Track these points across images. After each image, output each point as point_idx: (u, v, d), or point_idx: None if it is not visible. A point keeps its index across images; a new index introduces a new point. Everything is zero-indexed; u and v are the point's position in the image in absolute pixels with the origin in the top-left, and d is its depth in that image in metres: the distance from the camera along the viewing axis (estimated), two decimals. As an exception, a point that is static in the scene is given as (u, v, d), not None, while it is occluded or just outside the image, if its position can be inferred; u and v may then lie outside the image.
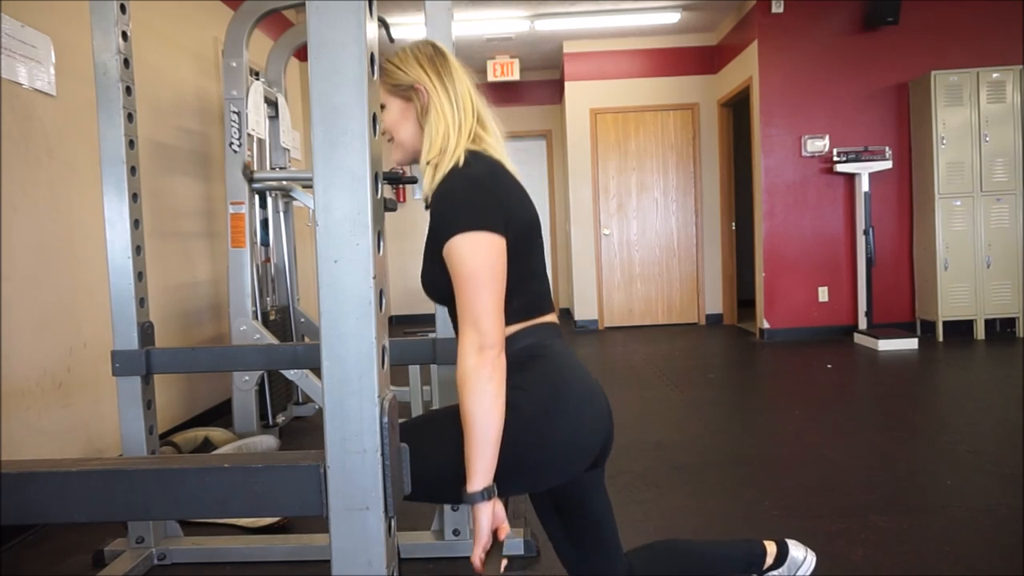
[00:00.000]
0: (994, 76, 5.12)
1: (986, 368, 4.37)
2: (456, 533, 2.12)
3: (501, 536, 1.12)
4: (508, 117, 1.33)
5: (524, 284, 1.21)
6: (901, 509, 2.30)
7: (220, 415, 3.80)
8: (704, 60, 6.74)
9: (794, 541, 1.58)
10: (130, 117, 1.96)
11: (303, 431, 3.63)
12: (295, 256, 3.95)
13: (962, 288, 5.19)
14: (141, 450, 2.01)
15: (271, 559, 2.14)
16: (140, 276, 1.99)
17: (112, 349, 1.98)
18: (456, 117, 1.23)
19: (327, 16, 0.80)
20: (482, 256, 1.11)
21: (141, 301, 2.00)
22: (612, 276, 6.90)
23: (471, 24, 5.92)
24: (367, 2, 0.82)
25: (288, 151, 3.82)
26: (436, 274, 1.19)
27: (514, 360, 1.16)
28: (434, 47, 1.28)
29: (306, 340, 3.92)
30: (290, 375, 3.11)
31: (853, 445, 2.98)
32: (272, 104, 3.64)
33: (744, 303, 6.92)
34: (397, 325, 7.33)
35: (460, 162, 1.19)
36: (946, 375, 4.28)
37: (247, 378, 3.25)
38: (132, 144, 1.96)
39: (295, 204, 3.90)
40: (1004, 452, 2.79)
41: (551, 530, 1.37)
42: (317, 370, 2.79)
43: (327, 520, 0.85)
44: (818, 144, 5.60)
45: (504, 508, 1.13)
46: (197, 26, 3.91)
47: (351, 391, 0.83)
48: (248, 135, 3.22)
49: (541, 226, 1.29)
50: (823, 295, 5.70)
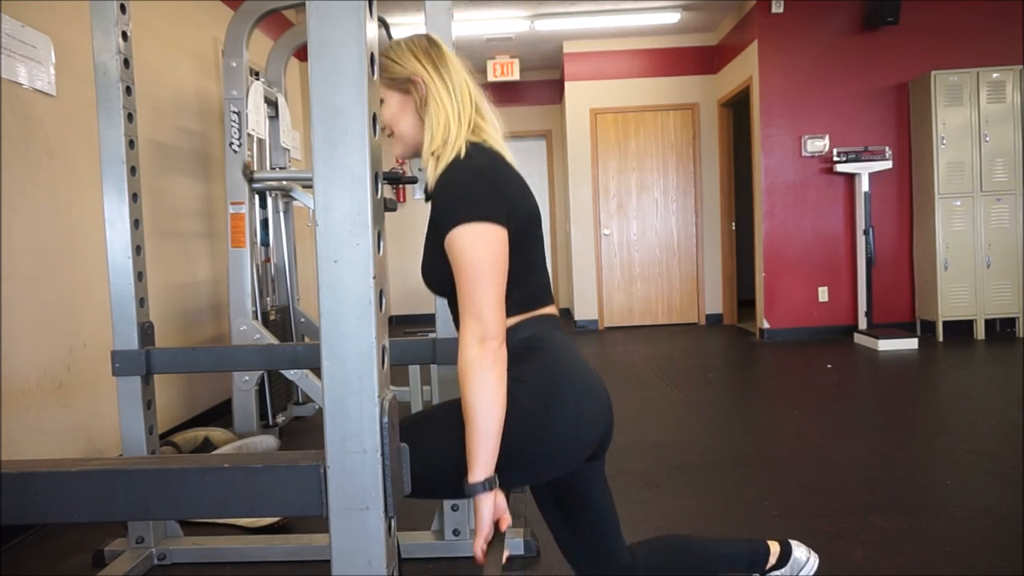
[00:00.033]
0: (994, 76, 5.12)
1: (986, 368, 4.37)
2: (456, 533, 2.12)
3: (503, 527, 1.12)
4: (508, 117, 1.32)
5: (524, 276, 1.21)
6: (901, 509, 2.30)
7: (220, 415, 3.80)
8: (704, 60, 6.74)
9: (797, 542, 1.58)
10: (130, 117, 1.96)
11: (303, 431, 3.63)
12: (295, 256, 3.95)
13: (962, 288, 5.19)
14: (141, 450, 2.01)
15: (271, 559, 2.14)
16: (140, 276, 2.00)
17: (112, 349, 1.98)
18: (455, 107, 1.23)
19: (327, 16, 0.80)
20: (484, 247, 1.11)
21: (141, 301, 2.00)
22: (612, 276, 6.91)
23: (471, 24, 5.92)
24: (367, 2, 0.82)
25: (288, 151, 3.82)
26: (437, 266, 1.19)
27: (513, 352, 1.16)
28: (428, 39, 1.28)
29: (306, 340, 3.92)
30: (290, 375, 3.11)
31: (853, 445, 2.98)
32: (272, 104, 3.64)
33: (744, 303, 6.92)
34: (397, 325, 7.33)
35: (462, 153, 1.19)
36: (946, 375, 4.28)
37: (247, 378, 3.25)
38: (132, 144, 1.96)
39: (295, 204, 3.90)
40: (1004, 452, 2.79)
41: (552, 521, 1.37)
42: (317, 370, 2.79)
43: (327, 520, 0.85)
44: (818, 144, 5.60)
45: (506, 500, 1.13)
46: (197, 26, 3.91)
47: (351, 391, 0.83)
48: (248, 135, 3.22)
49: (541, 218, 1.29)
50: (823, 295, 5.70)
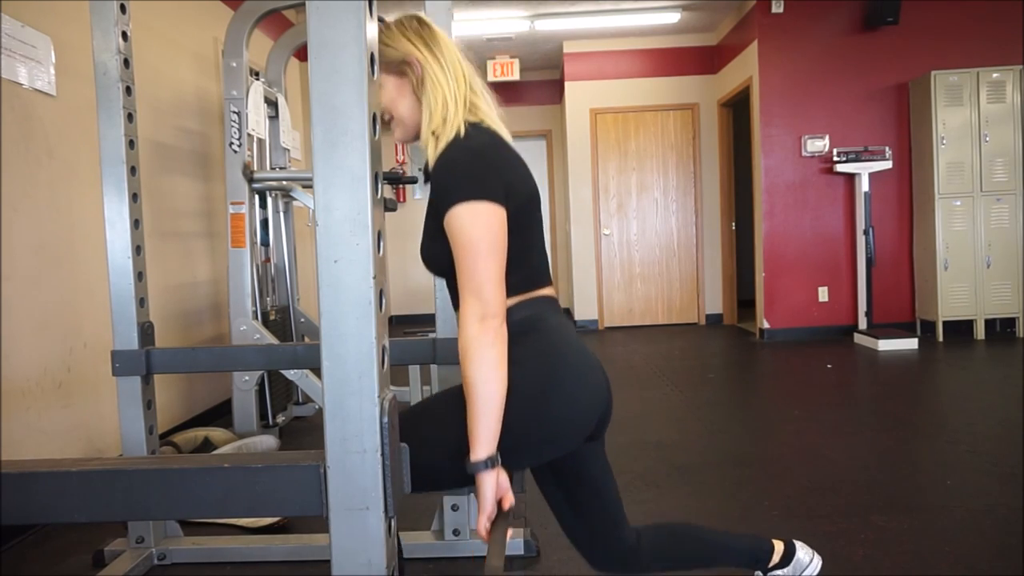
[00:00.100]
0: (994, 76, 5.12)
1: (986, 368, 4.37)
2: (456, 533, 2.12)
3: (505, 506, 1.12)
4: (508, 117, 1.32)
5: (523, 257, 1.21)
6: (901, 509, 2.30)
7: (220, 415, 3.80)
8: (704, 60, 6.74)
9: (801, 543, 1.58)
10: (130, 117, 1.96)
11: (303, 431, 3.63)
12: (295, 256, 3.95)
13: (962, 288, 5.19)
14: (141, 450, 2.01)
15: (271, 559, 2.14)
16: (140, 276, 2.00)
17: (112, 349, 1.98)
18: (451, 85, 1.22)
19: (327, 16, 0.80)
20: (483, 225, 1.10)
21: (141, 301, 2.00)
22: (612, 276, 6.91)
23: (471, 24, 5.92)
24: (367, 2, 0.82)
25: (288, 151, 3.82)
26: (436, 246, 1.19)
27: (510, 333, 1.15)
28: (418, 19, 1.27)
29: (306, 340, 3.92)
30: (290, 375, 3.11)
31: (853, 445, 2.98)
32: (272, 104, 3.64)
33: (744, 303, 6.92)
34: (397, 325, 7.33)
35: (461, 133, 1.19)
36: (946, 375, 4.28)
37: (247, 378, 3.25)
38: (132, 144, 1.96)
39: (295, 204, 3.90)
40: (1004, 452, 2.79)
41: (552, 500, 1.38)
42: (317, 370, 2.79)
43: (327, 520, 0.85)
44: (818, 144, 5.59)
45: (509, 479, 1.12)
46: (197, 26, 3.91)
47: (351, 391, 0.83)
48: (248, 135, 3.22)
49: (541, 200, 1.28)
50: (823, 295, 5.70)
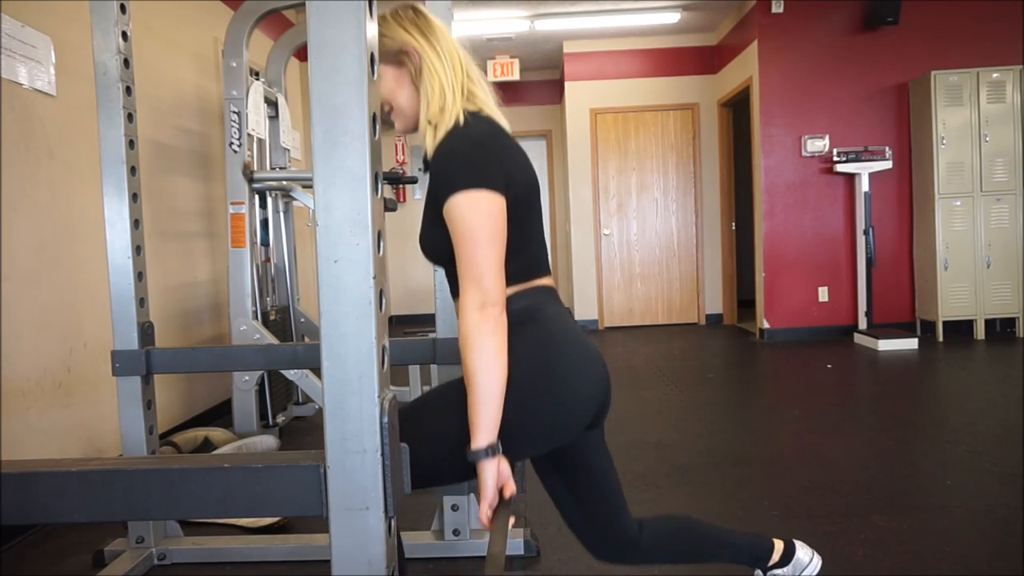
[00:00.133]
0: (994, 76, 5.12)
1: (986, 368, 4.37)
2: (456, 533, 2.12)
3: (507, 494, 1.12)
4: (508, 117, 1.33)
5: (522, 247, 1.21)
6: (901, 509, 2.31)
7: (220, 415, 3.80)
8: (704, 60, 6.74)
9: (801, 543, 1.58)
10: (130, 117, 1.96)
11: (303, 431, 3.63)
12: (295, 256, 3.95)
13: (962, 288, 5.19)
14: (141, 450, 2.01)
15: (271, 559, 2.14)
16: (140, 276, 2.00)
17: (112, 349, 1.98)
18: (448, 74, 1.22)
19: (327, 16, 0.80)
20: (483, 213, 1.10)
21: (141, 301, 2.00)
22: (612, 276, 6.91)
23: (471, 24, 5.92)
24: (367, 2, 0.82)
25: (288, 151, 3.82)
26: (436, 235, 1.19)
27: (508, 323, 1.15)
28: (414, 9, 1.27)
29: (306, 340, 3.92)
30: (290, 375, 3.11)
31: (853, 445, 2.98)
32: (272, 104, 3.64)
33: (744, 303, 6.92)
34: (397, 325, 7.34)
35: (460, 121, 1.19)
36: (946, 375, 4.28)
37: (247, 378, 3.25)
38: (132, 144, 1.96)
39: (295, 204, 3.90)
40: (1004, 452, 2.79)
41: (553, 490, 1.38)
42: (317, 370, 2.79)
43: (327, 520, 0.85)
44: (818, 144, 5.60)
45: (510, 468, 1.12)
46: (197, 26, 3.91)
47: (351, 391, 0.83)
48: (248, 135, 3.22)
49: (540, 190, 1.28)
50: (823, 295, 5.70)
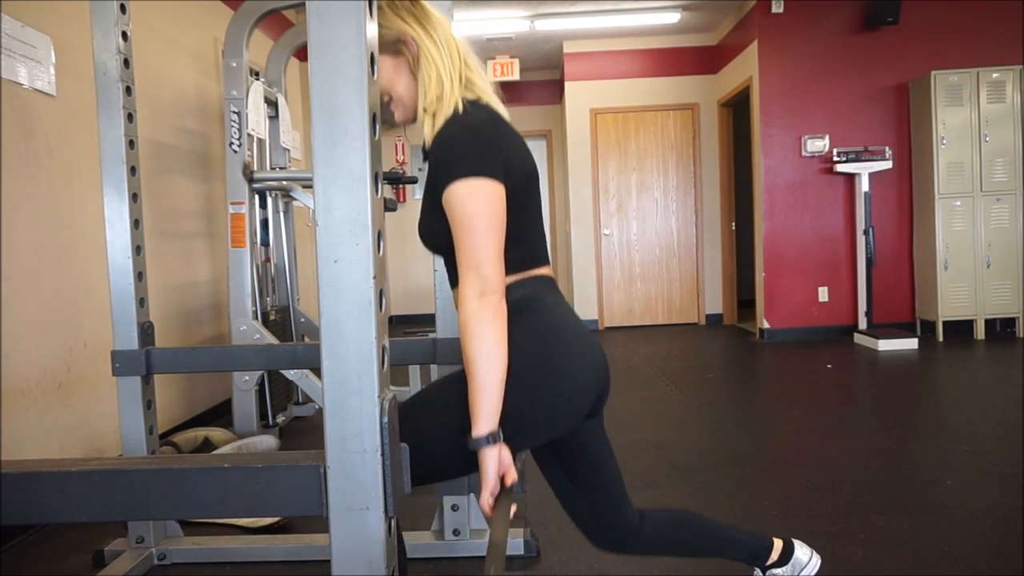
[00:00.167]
0: (994, 76, 5.12)
1: (986, 368, 4.37)
2: (456, 533, 2.12)
3: (508, 482, 1.12)
4: (508, 117, 1.33)
5: (520, 236, 1.21)
6: (901, 509, 2.31)
7: (220, 415, 3.80)
8: (704, 60, 6.74)
9: (800, 542, 1.58)
10: (130, 117, 1.96)
11: (303, 431, 3.63)
12: (295, 256, 3.95)
13: (962, 288, 5.19)
14: (141, 450, 2.01)
15: (271, 559, 2.14)
16: (140, 276, 2.00)
17: (112, 349, 1.98)
18: (445, 62, 1.21)
19: (327, 16, 0.80)
20: (482, 201, 1.10)
21: (141, 301, 2.00)
22: (612, 276, 6.91)
23: (471, 24, 5.93)
24: (367, 2, 0.82)
25: (288, 151, 3.82)
26: (435, 223, 1.18)
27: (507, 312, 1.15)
28: None
29: (306, 340, 3.92)
30: (290, 375, 3.11)
31: (853, 445, 2.98)
32: (272, 104, 3.64)
33: (744, 303, 6.92)
34: (397, 325, 7.34)
35: (459, 110, 1.18)
36: (946, 375, 4.28)
37: (247, 378, 3.25)
38: (132, 144, 1.96)
39: (295, 204, 3.90)
40: (1004, 452, 2.79)
41: (553, 480, 1.38)
42: (317, 370, 2.79)
43: (327, 520, 0.85)
44: (818, 144, 5.60)
45: (511, 456, 1.12)
46: (197, 26, 3.91)
47: (351, 391, 0.83)
48: (248, 135, 3.22)
49: (539, 179, 1.28)
50: (823, 295, 5.70)
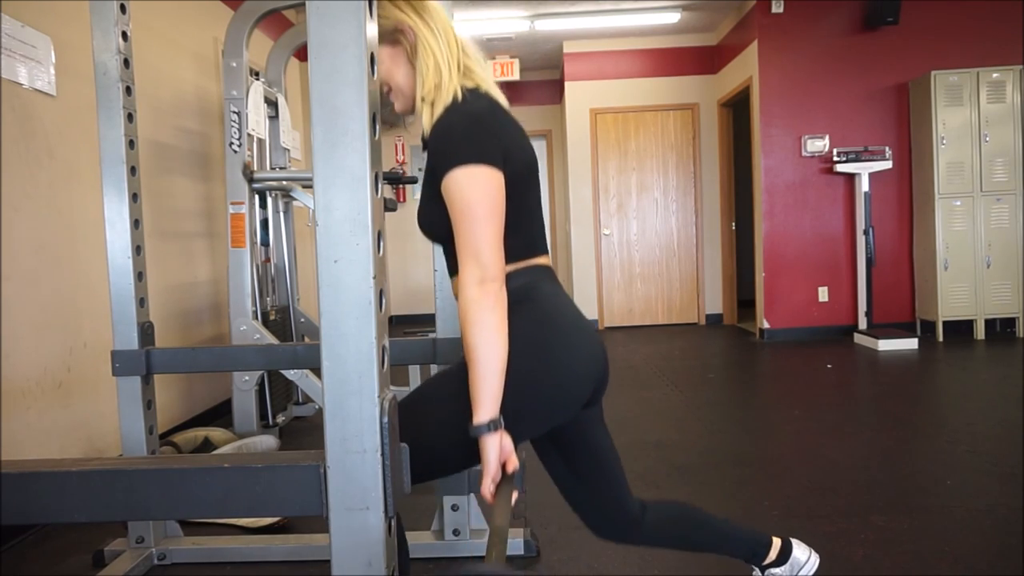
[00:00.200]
0: (994, 76, 5.12)
1: (986, 368, 4.37)
2: (456, 533, 2.12)
3: (509, 469, 1.12)
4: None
5: (519, 225, 1.20)
6: (901, 509, 2.31)
7: (220, 415, 3.80)
8: (704, 60, 6.74)
9: (798, 541, 1.58)
10: (130, 117, 1.96)
11: (303, 431, 3.63)
12: (295, 256, 3.95)
13: (962, 288, 5.19)
14: (141, 450, 2.01)
15: (271, 559, 2.14)
16: (140, 276, 2.00)
17: (112, 349, 1.98)
18: (443, 50, 1.21)
19: (327, 16, 0.81)
20: (481, 189, 1.10)
21: (141, 301, 2.00)
22: (612, 276, 6.91)
23: (471, 24, 5.93)
24: (367, 2, 0.82)
25: (288, 151, 3.82)
26: (434, 211, 1.18)
27: None
28: None
29: (306, 340, 3.92)
30: (290, 375, 3.11)
31: (853, 445, 2.98)
32: (272, 104, 3.64)
33: (744, 303, 6.92)
34: (397, 325, 7.34)
35: (458, 98, 1.18)
36: (946, 375, 4.28)
37: (247, 378, 3.25)
38: (132, 144, 1.96)
39: (295, 204, 3.90)
40: (1004, 452, 2.79)
41: (553, 469, 1.38)
42: (317, 370, 2.79)
43: (327, 520, 0.85)
44: (818, 144, 5.59)
45: (513, 443, 1.12)
46: (197, 26, 3.91)
47: (351, 391, 0.83)
48: (248, 135, 3.22)
49: (539, 169, 1.28)
50: (823, 295, 5.70)
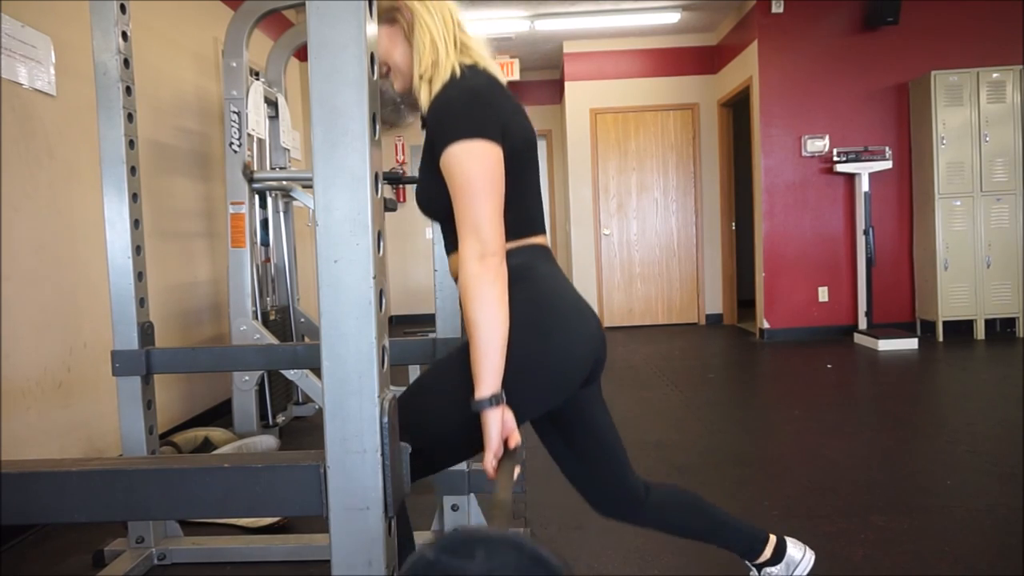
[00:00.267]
0: (994, 76, 5.12)
1: (986, 368, 4.37)
2: (456, 533, 2.12)
3: (511, 445, 1.12)
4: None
5: (516, 202, 1.20)
6: (901, 509, 2.31)
7: (220, 415, 3.80)
8: (704, 60, 6.74)
9: (793, 540, 1.58)
10: (130, 117, 1.96)
11: (303, 431, 3.63)
12: (295, 256, 3.95)
13: (962, 288, 5.19)
14: (141, 450, 2.01)
15: (271, 559, 2.14)
16: (140, 276, 1.99)
17: (112, 349, 1.98)
18: (439, 27, 1.21)
19: (327, 16, 0.81)
20: (480, 163, 1.09)
21: (141, 301, 2.00)
22: (612, 276, 6.90)
23: (471, 24, 5.91)
24: (367, 2, 0.82)
25: (288, 151, 3.82)
26: (433, 188, 1.17)
27: None
28: None
29: (306, 340, 3.92)
30: (290, 375, 3.11)
31: (853, 445, 2.98)
32: (272, 104, 3.64)
33: (744, 303, 6.92)
34: (397, 325, 7.34)
35: (457, 73, 1.18)
36: (946, 375, 4.28)
37: (247, 378, 3.25)
38: (132, 144, 1.96)
39: (295, 204, 3.90)
40: (1004, 452, 2.79)
41: (552, 448, 1.38)
42: (317, 370, 2.79)
43: (327, 520, 0.85)
44: (818, 144, 5.59)
45: (514, 419, 1.12)
46: (197, 26, 3.91)
47: (351, 391, 0.83)
48: (248, 135, 3.22)
49: (537, 147, 1.27)
50: (823, 295, 5.70)
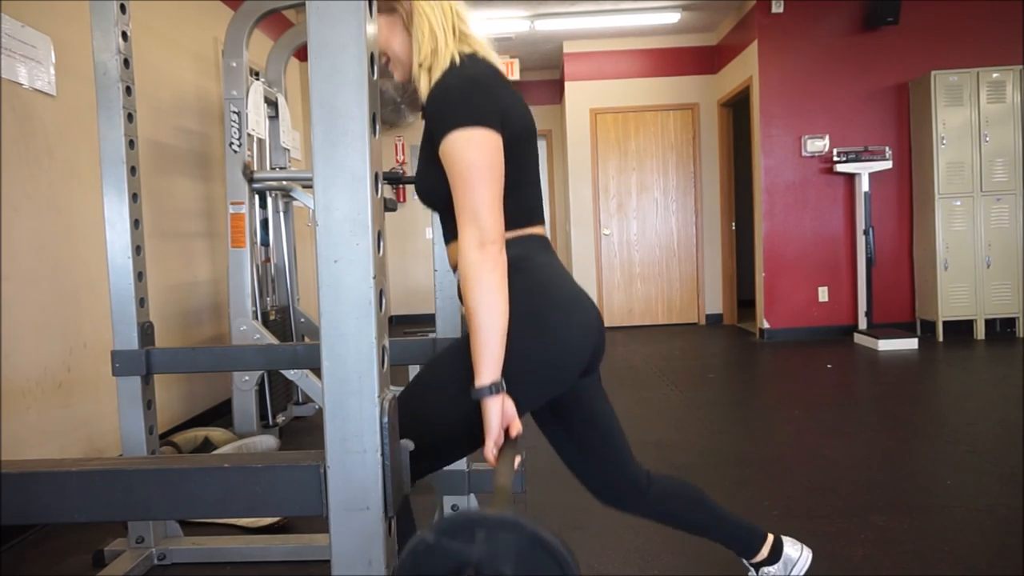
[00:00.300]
0: (994, 76, 5.12)
1: (986, 368, 4.37)
2: (456, 533, 2.12)
3: (512, 433, 1.11)
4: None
5: (516, 190, 1.20)
6: (901, 509, 2.31)
7: (220, 415, 3.80)
8: (704, 60, 6.74)
9: (790, 539, 1.58)
10: (130, 117, 1.96)
11: (303, 431, 3.63)
12: (295, 256, 3.95)
13: (962, 288, 5.19)
14: (141, 450, 2.01)
15: (271, 559, 2.14)
16: (140, 276, 1.99)
17: (112, 349, 1.98)
18: (437, 15, 1.21)
19: (327, 16, 0.81)
20: (480, 151, 1.09)
21: (141, 301, 2.00)
22: (612, 276, 6.91)
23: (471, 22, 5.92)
24: (367, 2, 0.82)
25: (288, 151, 3.82)
26: (432, 177, 1.17)
27: None
28: None
29: (306, 340, 3.92)
30: (290, 375, 3.11)
31: (853, 445, 2.98)
32: (272, 104, 3.64)
33: (744, 303, 6.92)
34: (397, 325, 7.34)
35: (456, 62, 1.18)
36: (946, 375, 4.28)
37: (247, 378, 3.25)
38: (132, 144, 1.96)
39: (295, 204, 3.90)
40: (1004, 452, 2.79)
41: (553, 438, 1.38)
42: (317, 370, 2.79)
43: (327, 520, 0.85)
44: (818, 144, 5.60)
45: (515, 408, 1.12)
46: (197, 26, 3.91)
47: (351, 391, 0.83)
48: (248, 135, 3.22)
49: (536, 136, 1.27)
50: (823, 295, 5.70)
